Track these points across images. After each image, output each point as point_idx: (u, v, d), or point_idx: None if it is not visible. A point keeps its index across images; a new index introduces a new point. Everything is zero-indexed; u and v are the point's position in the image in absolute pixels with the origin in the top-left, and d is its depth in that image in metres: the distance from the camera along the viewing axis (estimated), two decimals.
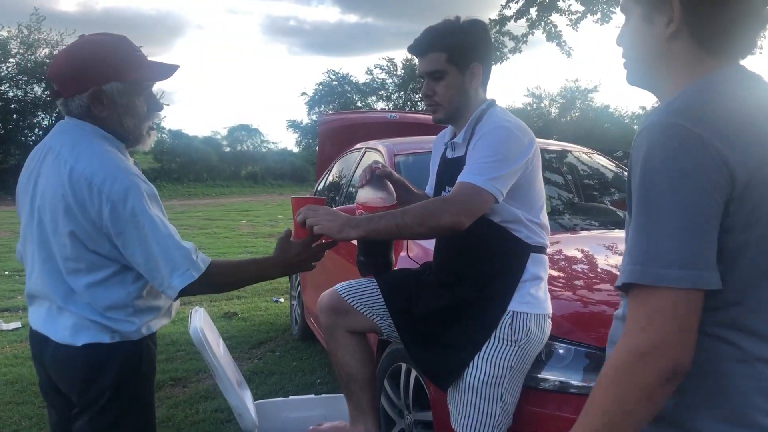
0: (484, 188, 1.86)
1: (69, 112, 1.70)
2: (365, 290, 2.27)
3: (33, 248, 1.70)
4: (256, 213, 17.66)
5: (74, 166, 1.61)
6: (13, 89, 32.82)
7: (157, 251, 1.62)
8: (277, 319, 5.80)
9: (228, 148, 38.30)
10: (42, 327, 1.72)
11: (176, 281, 1.64)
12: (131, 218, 1.60)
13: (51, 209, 1.63)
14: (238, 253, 10.18)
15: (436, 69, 2.05)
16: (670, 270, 0.93)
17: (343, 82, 40.05)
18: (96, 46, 1.71)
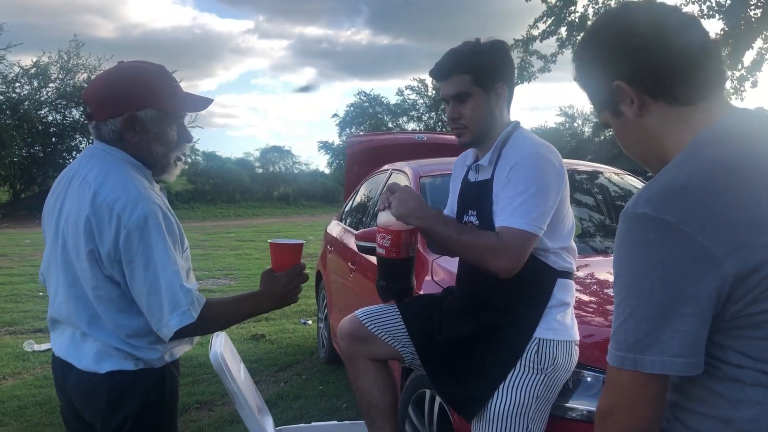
0: (528, 231, 1.86)
1: (100, 135, 1.70)
2: (386, 317, 2.22)
3: (57, 272, 1.69)
4: (287, 234, 17.76)
5: (98, 190, 1.61)
6: (53, 113, 33.66)
7: (163, 286, 1.60)
8: (305, 342, 5.77)
9: (260, 170, 38.72)
10: (65, 354, 1.71)
11: (174, 320, 1.61)
12: (144, 248, 1.58)
13: (74, 232, 1.62)
14: None
15: (461, 91, 2.02)
16: (625, 354, 0.99)
17: (374, 103, 40.29)
18: (133, 73, 1.72)
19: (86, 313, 1.65)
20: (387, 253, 2.15)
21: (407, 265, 2.21)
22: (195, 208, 33.99)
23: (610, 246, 3.42)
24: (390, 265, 2.19)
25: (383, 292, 2.25)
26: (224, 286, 9.00)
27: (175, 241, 1.66)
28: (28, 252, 14.05)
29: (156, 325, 1.63)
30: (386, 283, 2.23)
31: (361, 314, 2.25)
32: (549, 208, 1.89)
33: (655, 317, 0.97)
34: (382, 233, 2.15)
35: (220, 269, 10.80)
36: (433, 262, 2.96)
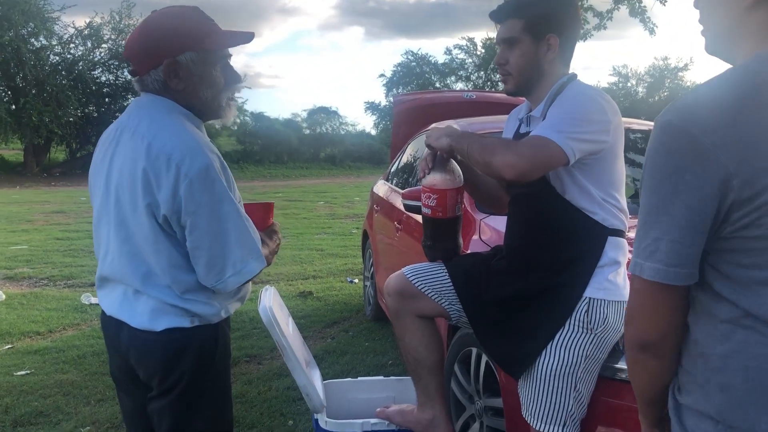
0: (556, 142, 1.77)
1: (145, 88, 1.68)
2: (433, 274, 2.21)
3: (109, 229, 1.67)
4: (333, 194, 17.87)
5: (152, 141, 1.58)
6: (106, 74, 34.23)
7: (234, 234, 1.59)
8: (351, 300, 5.84)
9: (308, 131, 38.79)
10: (117, 312, 1.70)
11: (253, 265, 1.63)
12: (208, 198, 1.55)
13: (130, 186, 1.59)
14: (315, 233, 10.32)
15: (510, 36, 1.98)
16: (642, 262, 1.03)
17: (421, 62, 39.76)
18: (166, 18, 1.68)
19: (140, 270, 1.63)
20: (433, 212, 2.14)
21: (454, 224, 2.19)
22: (244, 168, 34.41)
23: None
24: (436, 225, 2.17)
25: (430, 252, 2.24)
26: None
27: (233, 191, 1.64)
28: (84, 209, 14.49)
29: (218, 275, 1.60)
30: (433, 243, 2.22)
31: (408, 271, 2.25)
32: (584, 139, 1.80)
33: (661, 226, 1.01)
34: (427, 192, 2.13)
35: None
36: (480, 221, 2.93)
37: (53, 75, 30.25)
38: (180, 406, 1.70)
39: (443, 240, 2.21)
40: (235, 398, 3.56)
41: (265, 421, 3.31)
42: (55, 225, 11.10)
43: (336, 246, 8.86)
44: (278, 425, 3.26)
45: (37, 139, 27.14)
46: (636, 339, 1.10)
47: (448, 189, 2.11)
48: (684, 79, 38.52)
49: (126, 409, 1.87)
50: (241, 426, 3.24)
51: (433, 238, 2.22)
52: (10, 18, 26.92)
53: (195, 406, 1.72)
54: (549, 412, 1.93)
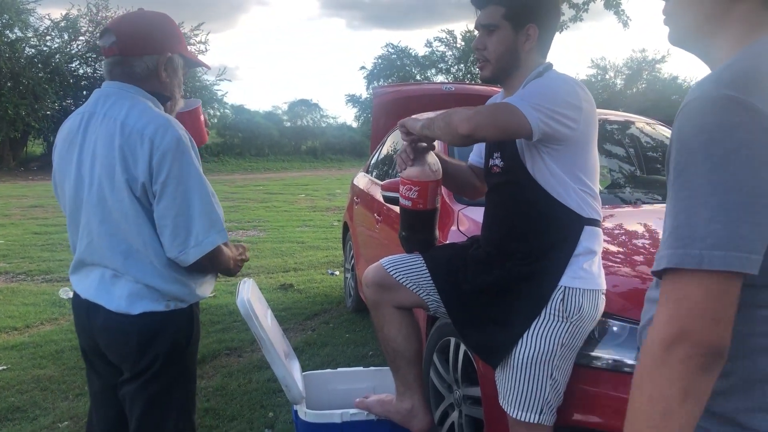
0: (519, 108, 1.79)
1: (122, 72, 1.71)
2: (411, 265, 2.22)
3: (87, 215, 1.71)
4: (315, 187, 17.83)
5: (125, 120, 1.64)
6: (83, 66, 33.85)
7: (198, 206, 1.63)
8: (332, 292, 5.84)
9: (288, 123, 38.64)
10: (94, 295, 1.73)
11: (214, 237, 1.66)
12: (178, 169, 1.61)
13: (107, 165, 1.64)
14: (296, 226, 10.29)
15: (490, 22, 1.99)
16: (707, 252, 0.86)
17: (402, 55, 39.71)
18: (164, 17, 1.78)
19: (120, 248, 1.67)
20: (414, 204, 2.16)
21: (432, 216, 2.22)
22: (224, 161, 34.23)
23: (640, 197, 3.37)
24: (416, 217, 2.19)
25: (407, 244, 2.26)
26: (254, 237, 9.11)
27: (200, 166, 1.69)
28: None
29: (181, 245, 1.64)
30: (410, 234, 2.24)
31: (386, 263, 2.26)
32: (552, 113, 1.80)
33: (737, 207, 0.86)
34: (408, 185, 2.15)
35: (249, 221, 10.92)
36: (459, 212, 2.95)
37: (29, 68, 29.81)
38: (153, 389, 1.74)
39: (422, 232, 2.23)
40: (216, 391, 3.56)
41: (245, 413, 3.30)
42: (32, 219, 10.96)
43: (317, 238, 8.85)
44: (258, 417, 3.26)
45: (14, 133, 26.76)
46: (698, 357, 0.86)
47: (429, 181, 2.14)
48: (661, 72, 38.86)
49: (94, 390, 1.91)
50: (221, 418, 3.24)
51: (412, 229, 2.24)
52: None
53: (168, 390, 1.76)
54: (526, 400, 1.96)
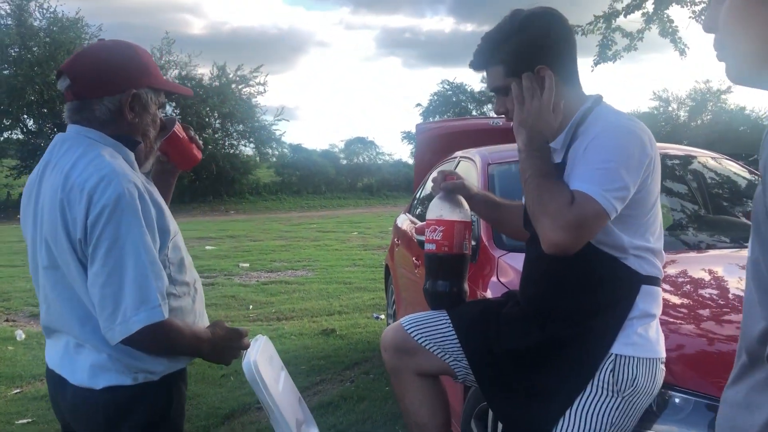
0: (601, 204, 1.52)
1: (82, 117, 1.52)
2: (435, 325, 1.94)
3: (42, 278, 1.52)
4: (368, 225, 17.68)
5: (69, 172, 1.44)
6: None
7: (131, 275, 1.39)
8: (375, 338, 5.56)
9: (345, 161, 39.04)
10: (58, 366, 1.54)
11: (142, 315, 1.40)
12: (111, 230, 1.38)
13: (51, 222, 1.45)
14: (346, 265, 10.10)
15: (497, 86, 1.74)
16: None
17: (458, 91, 39.76)
18: (127, 48, 1.57)
19: (76, 314, 1.47)
20: (438, 247, 1.93)
21: (460, 263, 1.96)
22: (282, 199, 34.67)
23: (704, 240, 3.01)
24: (441, 262, 1.95)
25: (431, 297, 2.00)
26: (301, 278, 8.95)
27: (149, 227, 1.45)
28: None
29: (107, 321, 1.40)
30: (433, 285, 1.98)
31: (407, 322, 1.99)
32: (628, 188, 1.56)
33: None
34: (432, 225, 1.94)
35: (299, 260, 10.81)
36: (499, 260, 2.66)
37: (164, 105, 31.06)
38: None
39: (447, 282, 1.97)
40: None
41: None
42: None
43: (365, 279, 8.62)
44: None
45: None
46: None
47: (456, 221, 1.92)
48: (727, 102, 37.48)
49: None
50: None
51: (435, 278, 1.98)
52: (56, 58, 27.82)
53: None
54: None
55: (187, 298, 1.60)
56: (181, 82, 34.06)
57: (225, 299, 7.41)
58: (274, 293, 7.80)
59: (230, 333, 1.67)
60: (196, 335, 1.57)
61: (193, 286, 1.64)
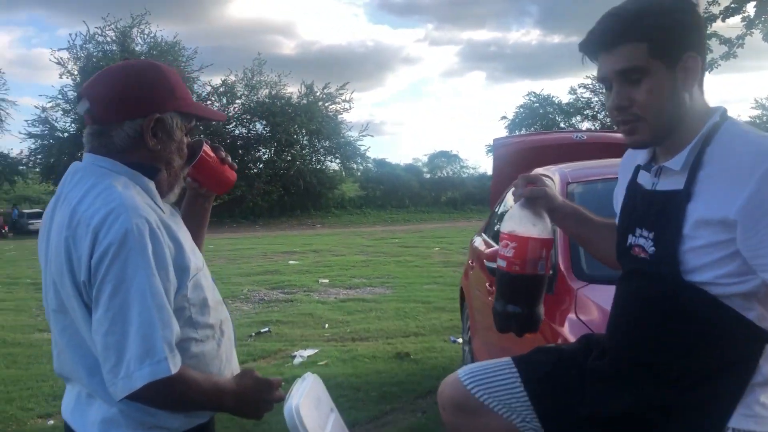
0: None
1: (100, 143, 1.38)
2: (499, 378, 1.66)
3: (52, 321, 1.39)
4: (451, 240, 17.38)
5: (77, 206, 1.30)
6: (239, 127, 36.33)
7: (136, 323, 1.23)
8: (451, 364, 5.30)
9: (428, 175, 38.99)
10: (70, 418, 1.40)
11: (146, 370, 1.22)
12: (116, 272, 1.23)
13: (56, 262, 1.31)
14: (425, 283, 9.87)
15: (633, 66, 1.37)
16: None
17: (545, 103, 38.92)
18: (151, 68, 1.43)
19: (84, 363, 1.32)
20: (509, 265, 1.64)
21: (534, 285, 1.67)
22: (366, 213, 34.92)
23: None
24: (510, 283, 1.66)
25: (499, 319, 1.71)
26: (379, 296, 8.80)
27: (162, 267, 1.29)
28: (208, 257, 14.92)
29: (109, 374, 1.24)
30: (502, 308, 1.70)
31: (466, 376, 1.71)
32: None
33: None
34: (505, 240, 1.67)
35: (379, 277, 10.67)
36: (578, 292, 2.37)
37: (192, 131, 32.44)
38: None
39: (518, 304, 1.69)
40: None
41: None
42: None
43: (444, 298, 8.35)
44: None
45: None
46: None
47: (531, 237, 1.64)
48: None
49: None
50: None
51: (506, 299, 1.71)
52: None
53: None
54: None
55: (210, 342, 1.43)
56: (271, 101, 35.06)
57: (302, 317, 7.35)
58: (350, 311, 7.67)
59: (259, 384, 1.49)
60: (218, 388, 1.40)
61: (219, 329, 1.47)
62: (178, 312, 1.33)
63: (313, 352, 5.66)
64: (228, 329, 1.52)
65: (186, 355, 1.34)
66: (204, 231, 1.72)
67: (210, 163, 1.58)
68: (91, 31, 32.69)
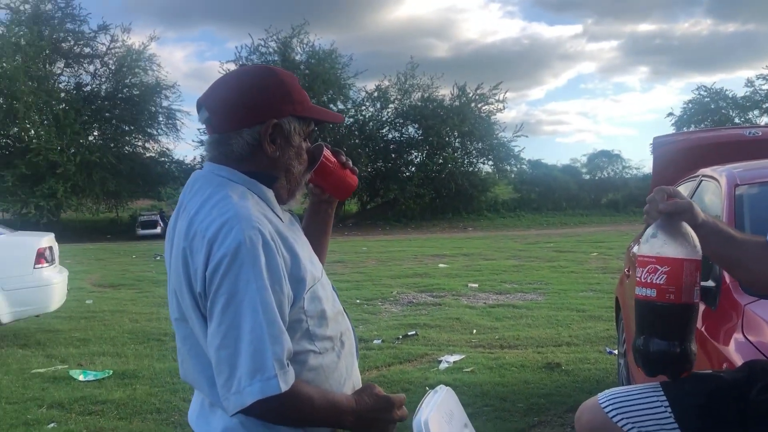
0: None
1: (220, 152, 1.39)
2: (645, 406, 1.49)
3: (174, 326, 1.41)
4: (610, 244, 16.53)
5: (194, 217, 1.31)
6: (392, 131, 37.06)
7: (248, 338, 1.21)
8: (605, 377, 4.99)
9: (588, 176, 37.46)
10: (195, 424, 1.42)
11: (256, 387, 1.19)
12: (228, 285, 1.22)
13: (176, 273, 1.33)
14: (580, 290, 9.43)
15: None
16: None
17: (717, 97, 35.93)
18: (266, 73, 1.42)
19: (204, 373, 1.33)
20: (660, 294, 1.44)
21: (687, 315, 1.48)
22: (520, 216, 34.20)
23: None
24: (660, 315, 1.46)
25: (644, 360, 1.53)
26: (530, 302, 8.52)
27: (276, 280, 1.26)
28: (361, 259, 15.36)
29: (222, 388, 1.23)
30: (649, 344, 1.51)
31: (607, 401, 1.55)
32: None
33: None
34: (652, 264, 1.46)
35: (531, 282, 10.36)
36: (746, 308, 2.10)
37: (348, 136, 33.62)
38: None
39: (668, 341, 1.50)
40: None
41: None
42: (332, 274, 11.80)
43: (600, 306, 7.92)
44: None
45: None
46: None
47: (685, 258, 1.44)
48: None
49: None
50: None
51: (653, 335, 1.51)
52: (313, 88, 30.58)
53: None
54: None
55: (330, 354, 1.40)
56: (423, 104, 35.41)
57: (449, 321, 7.29)
58: (499, 317, 7.49)
59: (380, 402, 1.41)
60: (335, 406, 1.35)
61: (339, 340, 1.44)
62: (295, 325, 1.31)
63: (460, 358, 5.58)
64: (349, 340, 1.49)
65: (304, 367, 1.32)
66: (327, 238, 1.71)
67: (331, 168, 1.56)
68: (255, 43, 34.86)
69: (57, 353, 6.20)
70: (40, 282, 6.56)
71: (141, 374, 5.33)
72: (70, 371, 5.44)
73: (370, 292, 9.75)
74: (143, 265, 15.58)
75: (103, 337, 6.90)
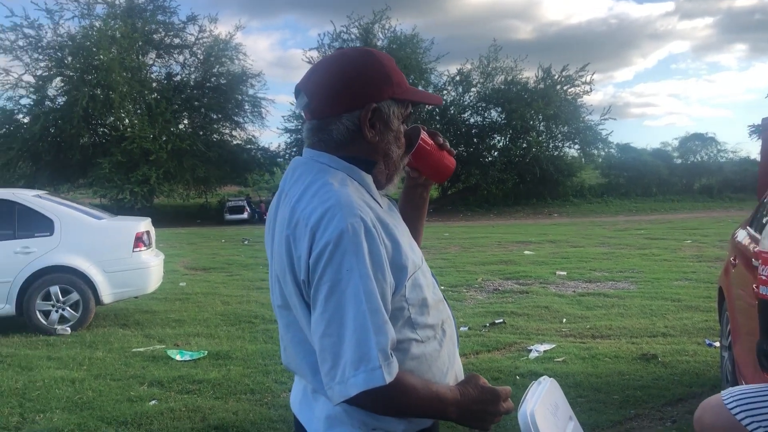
0: None
1: (320, 138, 1.37)
2: None
3: (277, 313, 1.42)
4: (705, 232, 15.79)
5: (296, 204, 1.30)
6: (474, 116, 36.67)
7: (351, 327, 1.18)
8: (707, 370, 4.76)
9: (679, 160, 35.90)
10: (298, 411, 1.42)
11: (360, 378, 1.17)
12: (331, 273, 1.20)
13: (280, 260, 1.32)
14: (674, 279, 9.05)
15: None
16: None
17: None
18: (365, 55, 1.38)
19: (307, 360, 1.33)
20: None
21: None
22: (608, 202, 33.20)
23: None
24: None
25: None
26: (622, 291, 8.24)
27: (378, 267, 1.23)
28: (443, 245, 15.30)
29: (326, 376, 1.22)
30: None
31: (732, 399, 1.47)
32: None
33: None
34: None
35: (622, 270, 10.03)
36: None
37: (429, 121, 33.44)
38: None
39: None
40: None
41: None
42: None
43: (697, 296, 7.57)
44: None
45: None
46: None
47: None
48: None
49: None
50: None
51: None
52: None
53: None
54: None
55: (432, 342, 1.37)
56: (506, 87, 34.82)
57: (538, 310, 7.14)
58: (590, 306, 7.28)
59: (485, 394, 1.37)
60: (439, 397, 1.32)
61: (441, 328, 1.40)
62: (397, 313, 1.29)
63: (550, 347, 5.46)
64: (450, 328, 1.45)
65: (407, 356, 1.30)
66: (422, 222, 1.67)
67: (429, 151, 1.51)
68: (337, 30, 35.17)
69: (155, 333, 6.48)
70: (139, 265, 6.88)
71: (234, 355, 5.49)
72: (168, 351, 5.68)
73: (454, 278, 9.69)
74: (232, 249, 16.07)
75: (197, 319, 7.16)
